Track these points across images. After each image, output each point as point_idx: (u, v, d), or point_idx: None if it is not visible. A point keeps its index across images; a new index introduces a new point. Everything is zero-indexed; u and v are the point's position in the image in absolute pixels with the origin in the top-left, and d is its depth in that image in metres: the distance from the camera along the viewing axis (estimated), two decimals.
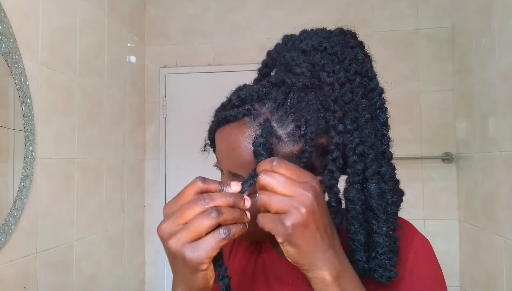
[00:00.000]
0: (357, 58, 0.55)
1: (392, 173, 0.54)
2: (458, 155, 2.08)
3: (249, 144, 0.50)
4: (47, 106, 1.44)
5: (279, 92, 0.52)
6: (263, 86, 0.53)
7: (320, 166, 0.52)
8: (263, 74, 0.63)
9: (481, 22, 1.75)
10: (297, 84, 0.52)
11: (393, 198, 0.53)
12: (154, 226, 2.34)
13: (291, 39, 0.60)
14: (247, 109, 0.51)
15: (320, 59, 0.53)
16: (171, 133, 2.36)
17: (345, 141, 0.51)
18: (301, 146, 0.50)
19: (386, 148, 0.54)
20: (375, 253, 0.51)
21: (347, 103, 0.51)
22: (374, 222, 0.51)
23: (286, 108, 0.51)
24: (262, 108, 0.52)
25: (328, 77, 0.52)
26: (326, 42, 0.55)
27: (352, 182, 0.51)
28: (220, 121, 0.54)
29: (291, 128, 0.51)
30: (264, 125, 0.50)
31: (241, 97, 0.52)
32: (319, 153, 0.52)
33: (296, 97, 0.52)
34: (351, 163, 0.51)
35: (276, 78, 0.53)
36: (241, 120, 0.52)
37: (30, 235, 1.33)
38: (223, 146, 0.54)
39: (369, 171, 0.51)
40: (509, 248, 1.51)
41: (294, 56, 0.55)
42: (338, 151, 0.50)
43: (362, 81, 0.54)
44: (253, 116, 0.51)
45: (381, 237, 0.51)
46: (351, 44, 0.57)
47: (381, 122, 0.55)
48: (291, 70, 0.55)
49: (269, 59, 0.62)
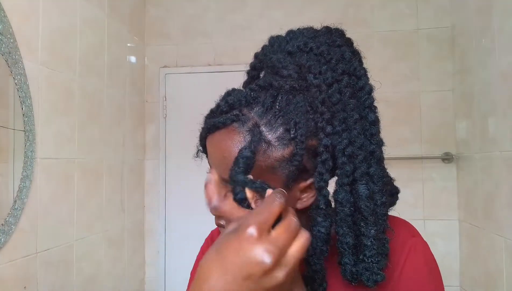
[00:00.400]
0: (344, 57, 0.54)
1: (381, 173, 0.53)
2: (458, 155, 2.08)
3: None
4: (47, 106, 1.44)
5: (267, 96, 0.51)
6: (252, 90, 0.52)
7: (312, 168, 0.52)
8: (252, 76, 0.62)
9: (481, 22, 1.75)
10: (285, 86, 0.51)
11: (382, 198, 0.52)
12: (154, 226, 2.35)
13: (278, 40, 0.60)
14: (235, 115, 0.50)
15: (306, 60, 0.53)
16: (171, 133, 2.36)
17: (334, 142, 0.50)
18: (292, 149, 0.49)
19: (375, 148, 0.53)
20: (362, 256, 0.50)
21: (335, 104, 0.51)
22: (362, 224, 0.50)
23: (274, 111, 0.50)
24: (250, 113, 0.51)
25: (314, 79, 0.51)
26: (312, 43, 0.54)
27: (341, 184, 0.51)
28: (209, 129, 0.53)
29: (281, 132, 0.50)
30: (253, 132, 0.49)
31: (229, 102, 0.51)
32: (310, 155, 0.51)
33: (284, 100, 0.51)
34: (340, 164, 0.50)
35: (264, 81, 0.52)
36: (230, 126, 0.51)
37: (30, 235, 1.34)
38: (213, 152, 0.53)
39: (358, 172, 0.51)
40: (509, 248, 1.51)
41: (281, 59, 0.55)
42: (327, 153, 0.50)
43: (350, 81, 0.53)
44: (242, 121, 0.50)
45: (369, 240, 0.50)
46: (337, 43, 0.56)
47: (370, 121, 0.54)
48: (278, 73, 0.54)
49: (256, 61, 0.61)
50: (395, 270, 0.53)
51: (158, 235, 2.34)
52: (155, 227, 2.34)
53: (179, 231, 2.31)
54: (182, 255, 2.30)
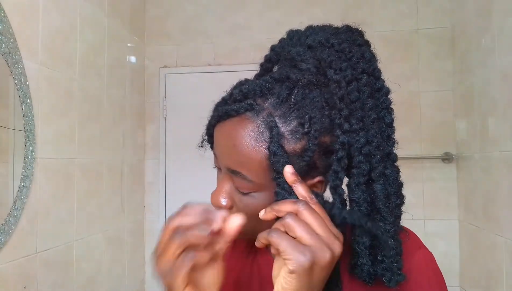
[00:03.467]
0: (364, 56, 0.54)
1: (396, 175, 0.53)
2: (458, 155, 2.08)
3: (251, 140, 0.49)
4: (47, 106, 1.44)
5: (283, 88, 0.50)
6: (266, 81, 0.51)
7: (322, 166, 0.51)
8: (266, 69, 0.61)
9: (481, 22, 1.75)
10: (302, 80, 0.50)
11: (397, 201, 0.52)
12: (154, 226, 2.35)
13: (297, 34, 0.59)
14: (249, 104, 0.49)
15: (327, 55, 0.52)
16: (171, 133, 2.36)
17: (351, 141, 0.49)
18: (304, 144, 0.49)
19: (391, 149, 0.53)
20: (381, 256, 0.49)
21: (354, 102, 0.50)
22: (381, 224, 0.49)
23: (289, 104, 0.50)
24: (264, 103, 0.50)
25: (335, 75, 0.50)
26: (334, 39, 0.54)
27: (357, 183, 0.50)
28: (221, 116, 0.52)
29: (294, 125, 0.49)
30: (267, 122, 0.49)
31: (244, 91, 0.51)
32: (321, 152, 0.50)
33: (300, 94, 0.50)
34: (357, 163, 0.50)
35: (280, 74, 0.51)
36: (243, 115, 0.50)
37: (30, 235, 1.33)
38: (222, 141, 0.52)
39: (375, 172, 0.50)
40: (509, 248, 1.51)
41: (300, 52, 0.54)
42: (343, 151, 0.49)
43: (369, 80, 0.53)
44: (256, 111, 0.49)
45: (389, 240, 0.49)
46: (358, 42, 0.55)
47: (386, 123, 0.54)
48: (296, 66, 0.53)
49: (272, 54, 0.60)
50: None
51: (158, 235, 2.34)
52: (155, 227, 2.34)
53: None
54: None
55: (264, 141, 0.49)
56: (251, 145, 0.49)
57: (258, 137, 0.49)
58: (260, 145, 0.49)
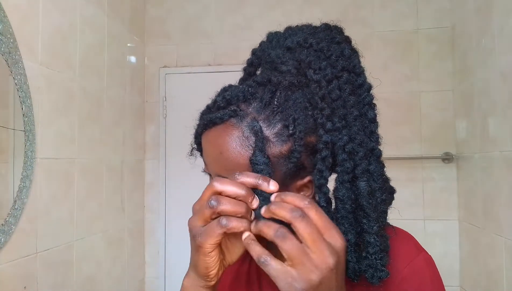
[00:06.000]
0: (343, 53, 0.54)
1: (381, 171, 0.53)
2: (458, 155, 2.08)
3: (237, 146, 0.49)
4: (47, 106, 1.44)
5: (265, 91, 0.50)
6: (249, 86, 0.51)
7: (310, 166, 0.51)
8: (249, 73, 0.61)
9: (481, 22, 1.75)
10: (284, 82, 0.51)
11: (382, 196, 0.52)
12: (154, 226, 2.35)
13: (276, 36, 0.59)
14: (233, 110, 0.50)
15: (305, 56, 0.52)
16: (171, 133, 2.36)
17: (334, 139, 0.50)
18: (290, 145, 0.49)
19: (374, 145, 0.53)
20: (366, 253, 0.49)
21: (335, 101, 0.50)
22: (364, 221, 0.50)
23: (273, 107, 0.50)
24: (248, 108, 0.50)
25: (314, 75, 0.51)
26: (312, 39, 0.54)
27: (341, 181, 0.50)
28: (206, 124, 0.52)
29: (279, 128, 0.49)
30: (252, 127, 0.48)
31: (227, 98, 0.51)
32: (308, 152, 0.51)
33: (283, 96, 0.50)
34: (340, 161, 0.50)
35: (262, 77, 0.52)
36: (227, 122, 0.50)
37: (30, 235, 1.33)
38: (209, 149, 0.52)
39: (359, 169, 0.50)
40: (509, 248, 1.51)
41: (280, 54, 0.54)
42: (327, 150, 0.49)
43: (349, 77, 0.53)
44: (240, 117, 0.50)
45: (372, 236, 0.49)
46: (337, 39, 0.55)
47: (369, 119, 0.54)
48: (276, 68, 0.53)
49: (254, 57, 0.61)
50: (395, 278, 0.52)
51: (158, 235, 2.34)
52: (155, 227, 2.34)
53: (179, 231, 2.31)
54: (182, 255, 2.29)
55: (250, 146, 0.49)
56: (237, 151, 0.49)
57: (244, 143, 0.49)
58: (247, 151, 0.49)
